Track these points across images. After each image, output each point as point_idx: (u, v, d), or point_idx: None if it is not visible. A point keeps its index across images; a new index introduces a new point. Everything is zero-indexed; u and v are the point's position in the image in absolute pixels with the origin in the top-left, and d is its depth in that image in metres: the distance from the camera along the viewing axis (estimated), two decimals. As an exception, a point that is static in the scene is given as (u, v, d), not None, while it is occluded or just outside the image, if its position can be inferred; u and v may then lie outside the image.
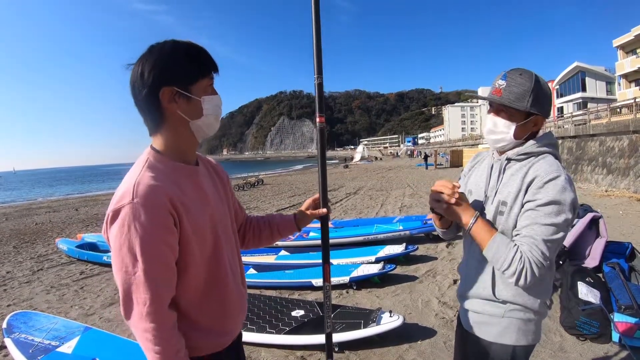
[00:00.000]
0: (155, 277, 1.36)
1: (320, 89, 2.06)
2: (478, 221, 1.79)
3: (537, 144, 1.82)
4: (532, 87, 1.76)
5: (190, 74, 1.53)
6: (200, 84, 1.56)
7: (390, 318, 4.55)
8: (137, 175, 1.41)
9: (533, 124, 1.84)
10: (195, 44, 1.58)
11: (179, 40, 1.56)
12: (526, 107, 1.76)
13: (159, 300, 1.37)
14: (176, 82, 1.50)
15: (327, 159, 2.36)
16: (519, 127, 1.81)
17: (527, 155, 1.82)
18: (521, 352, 1.85)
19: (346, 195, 20.98)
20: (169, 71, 1.49)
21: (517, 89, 1.77)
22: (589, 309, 4.46)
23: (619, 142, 18.35)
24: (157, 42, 1.55)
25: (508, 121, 1.82)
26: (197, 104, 1.55)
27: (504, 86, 1.80)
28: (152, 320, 1.36)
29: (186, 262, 1.49)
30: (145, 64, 1.48)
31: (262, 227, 2.11)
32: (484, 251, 1.77)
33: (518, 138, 1.83)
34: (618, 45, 43.41)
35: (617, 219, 10.81)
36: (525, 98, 1.76)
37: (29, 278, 8.52)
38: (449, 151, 51.89)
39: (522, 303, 1.80)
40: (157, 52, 1.51)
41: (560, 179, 1.66)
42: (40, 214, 22.82)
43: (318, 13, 2.02)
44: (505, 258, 1.68)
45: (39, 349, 4.00)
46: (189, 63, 1.53)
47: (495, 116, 1.87)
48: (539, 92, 1.77)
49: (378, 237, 9.07)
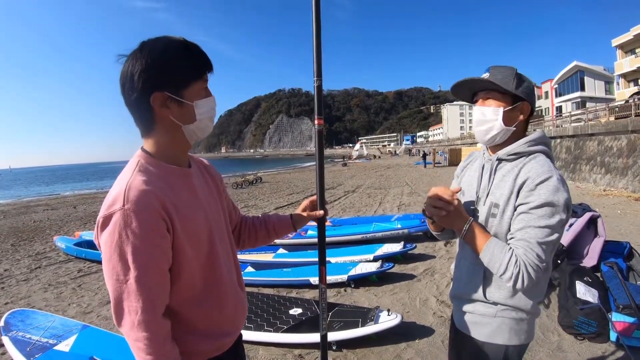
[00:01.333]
0: (148, 285, 1.34)
1: (320, 91, 2.04)
2: (471, 227, 1.79)
3: (527, 144, 1.82)
4: (515, 73, 1.82)
5: (182, 77, 1.49)
6: (193, 88, 1.51)
7: (388, 317, 4.55)
8: (128, 179, 1.38)
9: (520, 110, 1.84)
10: (189, 42, 1.53)
11: (172, 38, 1.51)
12: (512, 88, 1.80)
13: (151, 308, 1.34)
14: (168, 87, 1.45)
15: (326, 157, 2.35)
16: (506, 113, 1.82)
17: (517, 155, 1.82)
18: (514, 351, 1.85)
19: (344, 194, 21.01)
20: (161, 75, 1.44)
21: (502, 74, 1.82)
22: (587, 309, 4.46)
23: (617, 141, 18.36)
24: (149, 39, 1.50)
25: (495, 107, 1.83)
26: (190, 109, 1.51)
27: (488, 76, 1.84)
28: (144, 329, 1.33)
29: (181, 266, 1.46)
30: (136, 65, 1.43)
31: (258, 228, 2.10)
32: (480, 256, 1.77)
33: (507, 124, 1.83)
34: (617, 44, 43.48)
35: (615, 219, 10.82)
36: (510, 81, 1.80)
37: (26, 276, 8.52)
38: (447, 150, 51.87)
39: (513, 304, 1.80)
40: (147, 53, 1.44)
41: (553, 180, 1.65)
42: (38, 211, 22.83)
43: (319, 15, 2.00)
44: (500, 263, 1.68)
45: (36, 347, 3.99)
46: (181, 65, 1.48)
47: (482, 105, 1.88)
48: (521, 78, 1.83)
49: (376, 235, 9.09)
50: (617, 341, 4.27)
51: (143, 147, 1.55)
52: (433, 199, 1.82)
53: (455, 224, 1.83)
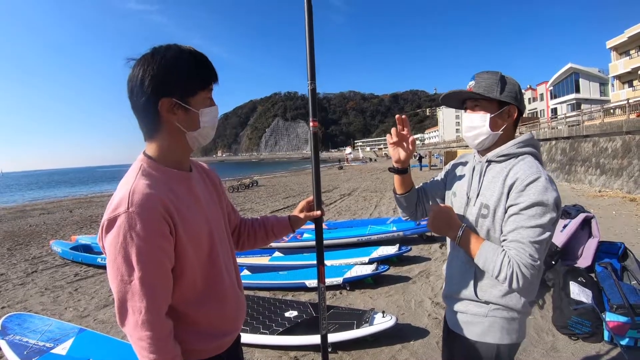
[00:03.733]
0: (152, 285, 1.37)
1: (314, 95, 2.08)
2: (465, 233, 1.83)
3: (516, 145, 1.87)
4: (499, 78, 1.86)
5: (191, 86, 1.53)
6: (199, 96, 1.56)
7: (383, 318, 4.57)
8: (132, 182, 1.42)
9: (507, 114, 1.89)
10: (198, 53, 1.58)
11: (182, 47, 1.55)
12: (496, 95, 1.84)
13: (155, 308, 1.38)
14: (176, 94, 1.50)
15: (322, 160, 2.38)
16: (493, 118, 1.87)
17: (506, 156, 1.86)
18: (505, 350, 1.87)
19: (340, 197, 20.95)
20: (170, 82, 1.49)
21: (486, 82, 1.87)
22: (580, 309, 4.49)
23: (612, 142, 18.43)
24: (161, 46, 1.54)
25: (483, 114, 1.89)
26: (195, 116, 1.56)
27: (474, 84, 1.90)
28: (147, 328, 1.36)
29: (183, 267, 1.50)
30: (147, 70, 1.47)
31: (257, 229, 2.13)
32: (475, 260, 1.80)
33: (495, 129, 1.88)
34: (611, 46, 43.63)
35: (610, 219, 10.86)
36: (494, 88, 1.85)
37: (23, 280, 8.49)
38: (443, 152, 51.91)
39: (505, 304, 1.83)
40: (159, 59, 1.49)
41: (541, 180, 1.69)
42: (34, 215, 22.71)
43: (311, 21, 2.03)
44: (494, 265, 1.71)
45: (33, 350, 4.00)
46: (190, 74, 1.53)
47: (471, 113, 1.94)
48: (506, 82, 1.87)
49: (372, 238, 9.09)
50: (610, 341, 4.30)
51: (145, 151, 1.58)
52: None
53: (449, 232, 1.89)
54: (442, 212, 1.90)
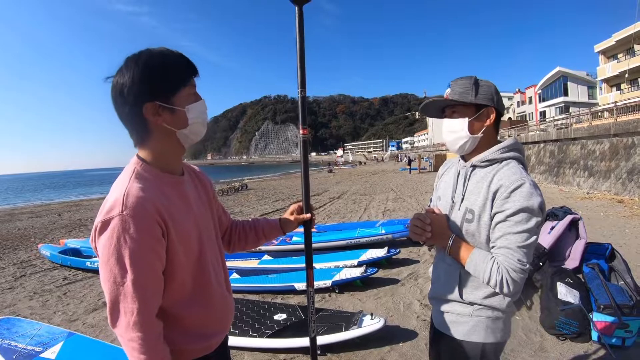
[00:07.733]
0: (144, 287, 1.39)
1: (304, 102, 2.10)
2: (455, 243, 1.88)
3: (500, 151, 1.89)
4: (473, 82, 1.90)
5: (170, 85, 1.54)
6: (182, 93, 1.57)
7: (371, 320, 4.59)
8: (125, 185, 1.43)
9: (485, 116, 1.92)
10: (171, 51, 1.59)
11: (153, 50, 1.56)
12: (471, 99, 1.88)
13: (146, 310, 1.40)
14: (158, 97, 1.51)
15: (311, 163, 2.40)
16: (471, 122, 1.91)
17: (490, 162, 1.89)
18: (491, 349, 1.90)
19: (330, 200, 20.98)
20: (148, 86, 1.49)
21: (460, 87, 1.91)
22: (568, 309, 4.52)
23: (600, 145, 18.56)
24: (133, 54, 1.55)
25: (461, 118, 1.92)
26: (182, 114, 1.57)
27: (450, 91, 1.94)
28: (139, 329, 1.38)
29: (173, 269, 1.52)
30: (125, 80, 1.48)
31: (248, 231, 2.15)
32: (466, 267, 1.85)
33: (474, 133, 1.92)
34: (599, 50, 43.96)
35: (598, 221, 10.96)
36: (468, 92, 1.89)
37: (11, 284, 8.42)
38: (432, 155, 52.02)
39: (489, 304, 1.85)
40: (133, 67, 1.50)
41: (525, 186, 1.72)
42: (22, 219, 22.52)
43: (302, 31, 2.05)
44: (484, 271, 1.75)
45: (22, 354, 3.98)
46: (167, 74, 1.54)
47: (449, 119, 1.99)
48: (480, 85, 1.90)
49: (360, 241, 9.09)
50: (598, 341, 4.34)
51: (138, 154, 1.60)
52: (413, 225, 1.97)
53: (440, 243, 1.94)
54: (435, 222, 1.94)
